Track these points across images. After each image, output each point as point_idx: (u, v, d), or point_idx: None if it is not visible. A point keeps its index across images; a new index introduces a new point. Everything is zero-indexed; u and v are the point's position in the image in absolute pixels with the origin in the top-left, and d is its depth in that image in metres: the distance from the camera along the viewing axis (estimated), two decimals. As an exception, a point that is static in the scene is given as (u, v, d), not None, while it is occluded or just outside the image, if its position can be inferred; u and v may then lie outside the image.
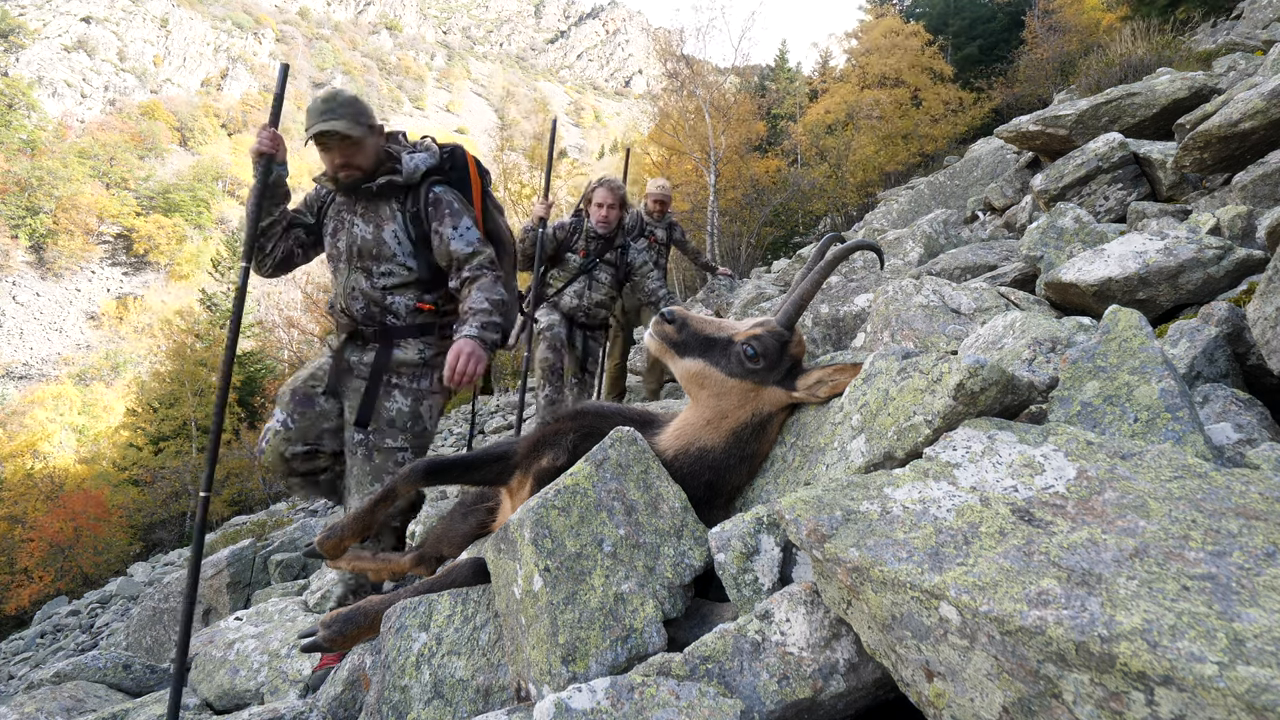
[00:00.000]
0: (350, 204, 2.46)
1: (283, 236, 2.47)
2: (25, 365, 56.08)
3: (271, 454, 2.39)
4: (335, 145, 2.30)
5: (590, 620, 1.08)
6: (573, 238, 4.25)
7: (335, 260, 2.48)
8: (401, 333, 2.43)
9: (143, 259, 67.08)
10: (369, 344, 2.44)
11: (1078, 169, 3.66)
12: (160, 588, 4.94)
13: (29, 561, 20.97)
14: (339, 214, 2.49)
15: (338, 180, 2.38)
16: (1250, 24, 7.94)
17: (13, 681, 8.66)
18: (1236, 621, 0.61)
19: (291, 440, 2.39)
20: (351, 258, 2.43)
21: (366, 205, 2.43)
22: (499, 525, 1.74)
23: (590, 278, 4.22)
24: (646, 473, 1.26)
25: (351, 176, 2.36)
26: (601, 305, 4.28)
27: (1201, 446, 0.99)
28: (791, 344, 1.39)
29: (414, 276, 2.44)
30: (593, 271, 4.22)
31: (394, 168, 2.43)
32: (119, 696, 3.01)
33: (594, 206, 4.16)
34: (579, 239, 4.24)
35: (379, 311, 2.43)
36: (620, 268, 4.29)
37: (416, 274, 2.44)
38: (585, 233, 4.23)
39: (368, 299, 2.42)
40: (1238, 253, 1.84)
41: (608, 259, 4.26)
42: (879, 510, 0.90)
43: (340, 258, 2.45)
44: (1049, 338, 1.49)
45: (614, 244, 4.25)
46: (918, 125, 19.05)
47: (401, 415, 2.37)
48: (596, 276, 4.23)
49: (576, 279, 4.22)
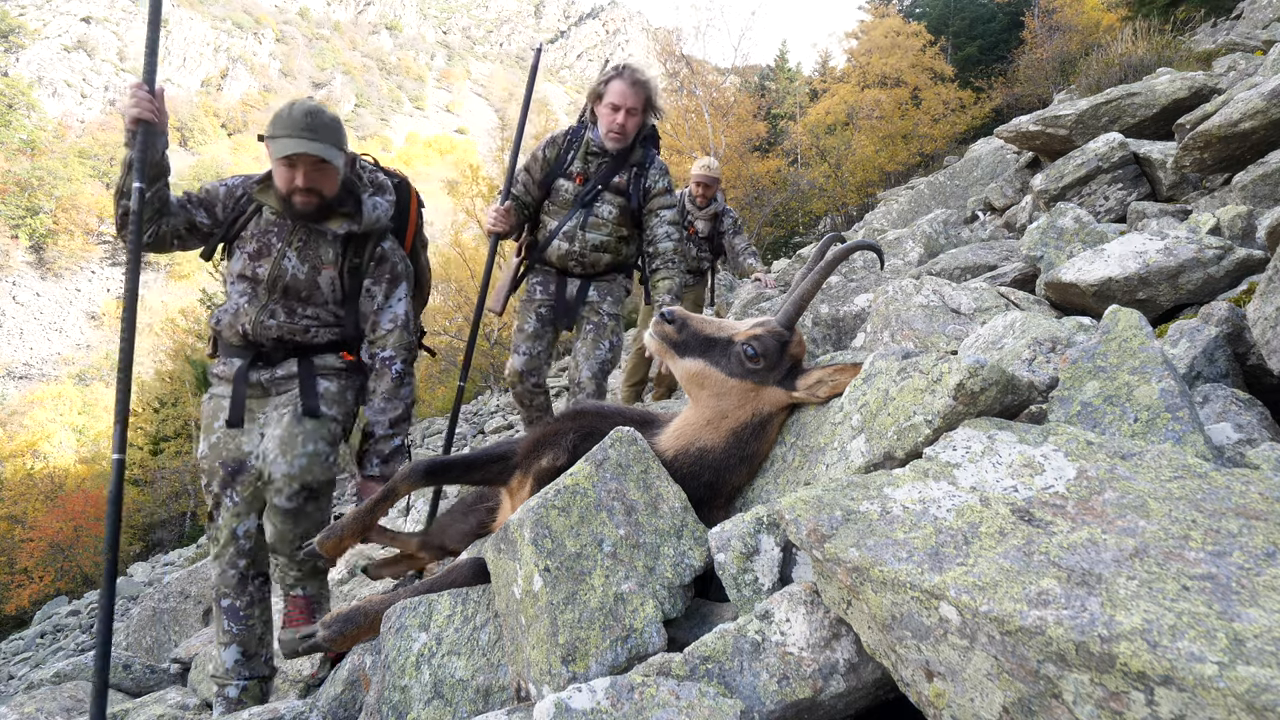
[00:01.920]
0: (284, 230, 2.21)
1: (156, 218, 2.13)
2: (25, 365, 56.12)
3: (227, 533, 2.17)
4: (305, 167, 2.08)
5: (590, 620, 1.08)
6: (567, 156, 3.01)
7: (249, 283, 2.21)
8: (319, 349, 2.27)
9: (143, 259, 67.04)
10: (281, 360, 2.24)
11: (1078, 169, 3.66)
12: (160, 588, 4.94)
13: (29, 561, 20.99)
14: (266, 236, 2.22)
15: (289, 203, 2.14)
16: (1250, 24, 7.94)
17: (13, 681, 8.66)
18: (1236, 621, 0.61)
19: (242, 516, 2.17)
20: (273, 290, 2.19)
21: (306, 240, 2.21)
22: (499, 525, 1.74)
23: (588, 211, 2.99)
24: (646, 473, 1.26)
25: (309, 205, 2.14)
26: (602, 249, 3.03)
27: (1201, 446, 0.99)
28: (791, 344, 1.39)
29: (338, 326, 2.28)
30: (592, 204, 2.99)
31: (352, 212, 2.22)
32: (119, 696, 3.01)
33: (604, 108, 2.88)
34: (574, 158, 3.00)
35: (293, 339, 2.23)
36: (634, 196, 3.00)
37: (343, 326, 2.28)
38: (585, 147, 2.99)
39: (284, 331, 2.21)
40: (1238, 253, 1.84)
41: (615, 184, 2.99)
42: (879, 510, 0.90)
43: (259, 284, 2.20)
44: (1049, 338, 1.49)
45: (627, 161, 2.99)
46: (918, 125, 19.07)
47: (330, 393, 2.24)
48: (596, 210, 2.99)
49: (571, 215, 3.00)
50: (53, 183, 62.13)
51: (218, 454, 2.18)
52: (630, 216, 3.02)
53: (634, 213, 3.01)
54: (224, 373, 2.26)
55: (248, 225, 2.24)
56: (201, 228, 2.25)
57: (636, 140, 2.98)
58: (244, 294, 2.22)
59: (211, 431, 2.22)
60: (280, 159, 2.08)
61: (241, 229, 2.24)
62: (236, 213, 2.25)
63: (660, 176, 3.01)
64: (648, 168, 3.01)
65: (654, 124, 3.09)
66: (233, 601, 2.17)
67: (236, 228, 2.24)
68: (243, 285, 2.22)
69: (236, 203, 2.26)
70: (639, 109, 2.86)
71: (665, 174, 3.03)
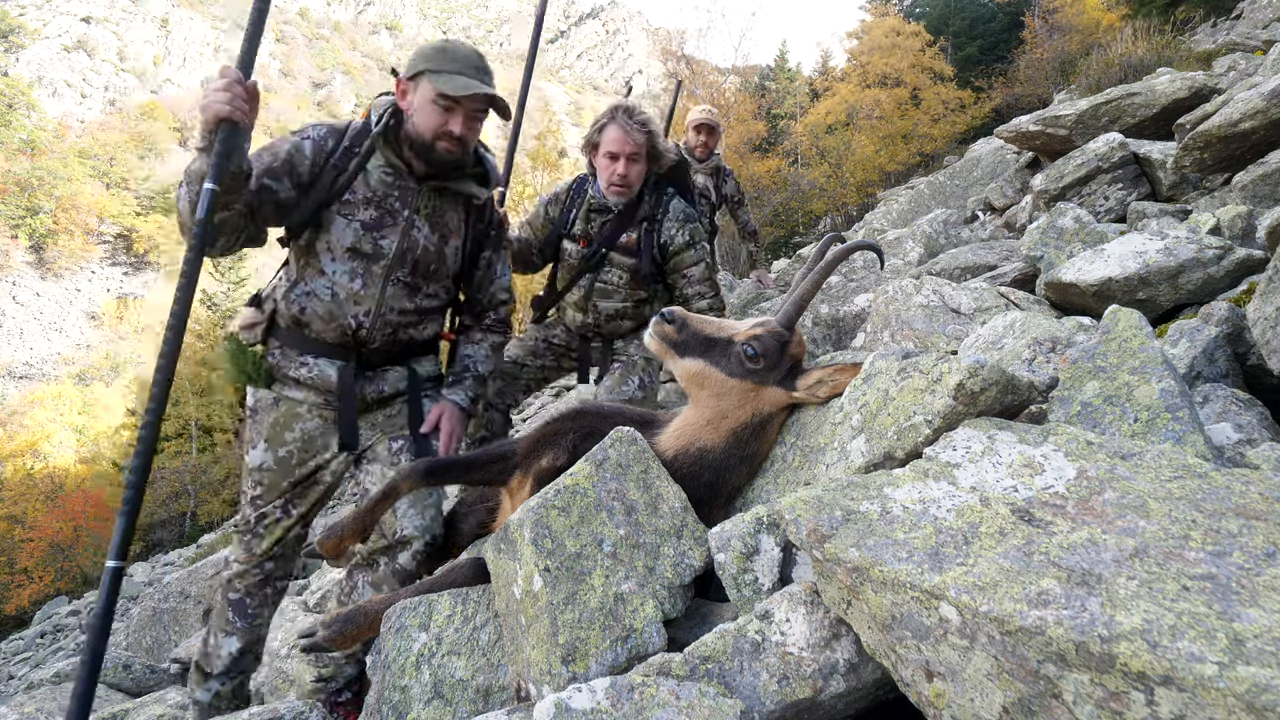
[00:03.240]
0: (408, 194, 1.90)
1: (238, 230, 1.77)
2: (25, 365, 56.13)
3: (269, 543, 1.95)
4: (469, 110, 1.81)
5: (590, 620, 1.08)
6: (570, 215, 2.68)
7: (362, 260, 1.87)
8: (419, 349, 2.06)
9: (143, 259, 67.13)
10: (382, 367, 1.98)
11: (1078, 169, 3.66)
12: (160, 588, 4.94)
13: (29, 561, 21.01)
14: (386, 200, 1.88)
15: (432, 150, 1.84)
16: (1250, 24, 7.94)
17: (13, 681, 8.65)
18: (1236, 621, 0.61)
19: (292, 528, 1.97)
20: (397, 267, 1.89)
21: (436, 206, 1.94)
22: (499, 525, 1.73)
23: (594, 277, 2.66)
24: (646, 473, 1.26)
25: (453, 153, 1.86)
26: (620, 315, 2.70)
27: (1201, 446, 0.99)
28: (791, 344, 1.39)
29: (449, 300, 2.06)
30: (598, 269, 2.64)
31: (484, 173, 2.00)
32: (119, 696, 3.01)
33: (602, 159, 2.55)
34: (576, 216, 2.67)
35: (402, 333, 1.97)
36: (644, 255, 2.59)
37: (451, 299, 2.07)
38: (586, 207, 2.65)
39: (401, 321, 1.93)
40: (1238, 253, 1.84)
41: (622, 244, 2.62)
42: (879, 510, 0.90)
43: (379, 260, 1.88)
44: (1049, 338, 1.49)
45: (635, 216, 2.61)
46: (918, 125, 19.08)
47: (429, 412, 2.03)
48: (603, 276, 2.65)
49: (576, 281, 2.70)
50: (53, 183, 62.15)
51: (287, 472, 1.91)
52: (643, 279, 2.63)
53: (648, 275, 2.62)
54: (307, 377, 1.92)
55: (349, 187, 1.86)
56: (285, 202, 1.82)
57: (646, 188, 2.62)
58: (353, 274, 1.87)
59: (282, 443, 1.91)
60: (438, 98, 1.79)
61: (341, 192, 1.86)
62: (336, 171, 1.86)
63: (679, 228, 2.61)
64: (661, 220, 2.61)
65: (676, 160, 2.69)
66: (244, 598, 1.97)
67: (336, 189, 1.86)
68: (352, 263, 1.87)
69: (329, 159, 1.87)
70: (641, 154, 2.50)
71: (685, 223, 2.63)
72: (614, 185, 2.53)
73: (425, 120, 1.82)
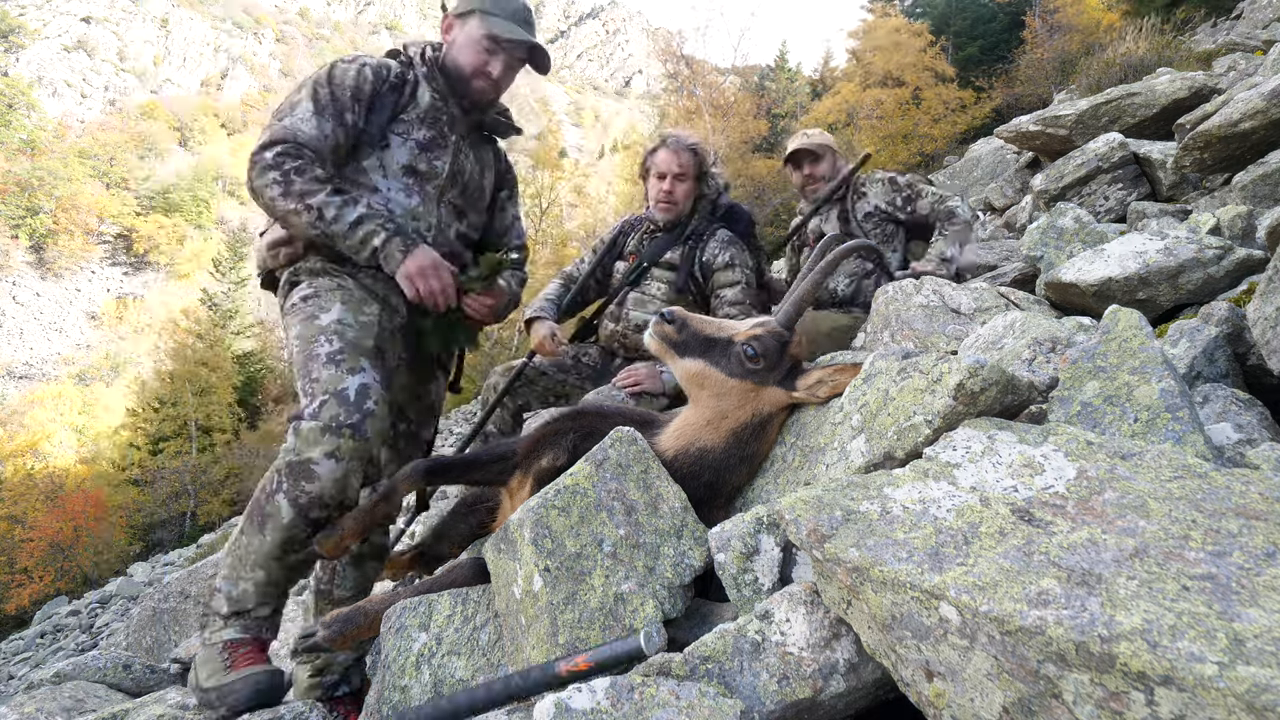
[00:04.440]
0: (455, 122, 1.94)
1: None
2: (25, 365, 56.11)
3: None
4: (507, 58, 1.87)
5: (590, 620, 1.08)
6: (628, 240, 2.91)
7: (417, 179, 1.86)
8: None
9: (143, 259, 67.12)
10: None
11: (1078, 169, 3.66)
12: (160, 588, 4.95)
13: (29, 561, 21.01)
14: (436, 124, 1.90)
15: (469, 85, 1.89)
16: (1250, 24, 7.94)
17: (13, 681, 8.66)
18: (1236, 621, 0.61)
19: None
20: (449, 188, 1.90)
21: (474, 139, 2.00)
22: (499, 525, 1.73)
23: (634, 288, 2.77)
24: (646, 473, 1.26)
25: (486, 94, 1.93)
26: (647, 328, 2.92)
27: (1201, 446, 0.99)
28: (792, 344, 1.39)
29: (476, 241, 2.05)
30: (639, 281, 2.76)
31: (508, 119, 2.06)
32: (119, 696, 3.01)
33: (652, 180, 2.74)
34: (632, 239, 2.89)
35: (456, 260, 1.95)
36: (684, 269, 2.69)
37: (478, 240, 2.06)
38: (644, 228, 2.86)
39: (453, 247, 1.92)
40: (1238, 253, 1.84)
41: (667, 260, 2.74)
42: (879, 510, 0.90)
43: (432, 180, 1.88)
44: (1049, 338, 1.49)
45: (683, 234, 2.75)
46: (918, 125, 19.08)
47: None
48: (643, 288, 2.75)
49: (617, 294, 2.81)
50: (53, 183, 62.12)
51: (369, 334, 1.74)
52: (679, 292, 2.67)
53: (684, 289, 2.66)
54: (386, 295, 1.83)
55: (405, 109, 1.89)
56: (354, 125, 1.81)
57: (695, 211, 2.74)
58: (409, 191, 1.86)
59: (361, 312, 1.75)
60: (485, 38, 1.86)
61: (402, 109, 1.88)
62: (395, 93, 1.88)
63: (722, 249, 2.65)
64: (706, 240, 2.69)
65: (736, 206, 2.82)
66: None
67: (398, 108, 1.88)
68: (407, 180, 1.86)
69: (386, 83, 1.87)
70: (688, 174, 2.66)
71: (728, 246, 2.66)
72: (662, 203, 2.68)
73: (467, 56, 1.89)
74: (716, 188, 2.79)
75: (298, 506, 1.55)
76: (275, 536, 1.57)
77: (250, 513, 1.61)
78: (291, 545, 1.58)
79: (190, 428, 26.06)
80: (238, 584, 1.62)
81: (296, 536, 1.58)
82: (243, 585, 1.62)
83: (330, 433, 1.54)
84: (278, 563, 1.60)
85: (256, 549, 1.59)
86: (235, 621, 1.62)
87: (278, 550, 1.58)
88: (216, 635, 1.61)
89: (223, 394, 27.38)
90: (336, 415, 1.56)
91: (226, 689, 1.53)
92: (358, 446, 1.57)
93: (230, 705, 1.52)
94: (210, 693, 1.55)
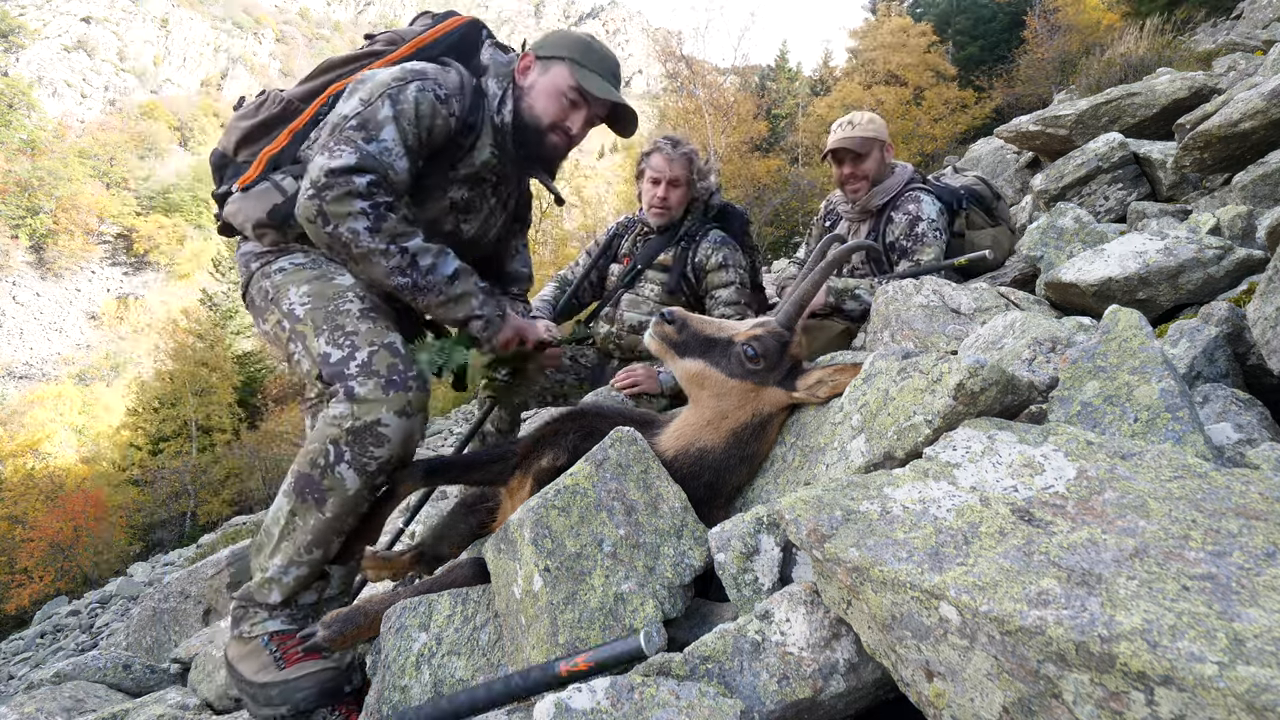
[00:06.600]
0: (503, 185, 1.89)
1: None
2: (25, 365, 56.10)
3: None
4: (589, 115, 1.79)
5: (590, 620, 1.08)
6: (622, 242, 2.96)
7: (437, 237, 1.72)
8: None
9: (143, 259, 67.10)
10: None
11: (1078, 169, 3.66)
12: (160, 588, 4.94)
13: (29, 561, 21.00)
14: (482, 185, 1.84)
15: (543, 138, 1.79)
16: (1250, 24, 7.94)
17: (13, 681, 8.66)
18: (1236, 621, 0.61)
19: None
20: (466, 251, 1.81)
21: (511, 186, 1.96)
22: (499, 525, 1.73)
23: (628, 290, 2.82)
24: (646, 473, 1.26)
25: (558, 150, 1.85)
26: (641, 329, 2.76)
27: (1201, 446, 0.99)
28: (792, 344, 1.39)
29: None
30: (633, 283, 2.81)
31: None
32: (119, 696, 3.01)
33: (646, 184, 2.77)
34: (627, 242, 2.94)
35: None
36: (676, 270, 2.73)
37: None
38: (638, 230, 2.91)
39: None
40: (1238, 253, 1.84)
41: (659, 261, 2.79)
42: (879, 510, 0.90)
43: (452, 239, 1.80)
44: (1049, 338, 1.49)
45: (675, 237, 2.78)
46: (918, 125, 19.09)
47: None
48: (637, 289, 2.80)
49: (611, 296, 2.85)
50: (53, 183, 62.11)
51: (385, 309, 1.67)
52: (671, 293, 2.73)
53: (676, 289, 2.72)
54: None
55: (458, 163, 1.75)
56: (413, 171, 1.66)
57: (688, 214, 2.79)
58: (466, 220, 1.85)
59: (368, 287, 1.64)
60: (572, 90, 1.74)
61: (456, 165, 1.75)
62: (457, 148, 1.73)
63: (714, 250, 2.69)
64: (699, 241, 2.73)
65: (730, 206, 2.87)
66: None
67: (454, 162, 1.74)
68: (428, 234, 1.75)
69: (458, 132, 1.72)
70: (682, 180, 2.69)
71: (721, 247, 2.70)
72: (655, 207, 2.72)
73: (547, 106, 1.76)
74: (709, 189, 2.81)
75: (365, 474, 1.46)
76: (337, 510, 1.48)
77: (301, 492, 1.50)
78: (352, 516, 1.52)
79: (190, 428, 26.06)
80: (294, 569, 1.52)
81: (359, 507, 1.51)
82: (299, 571, 1.52)
83: (395, 388, 1.45)
84: (339, 537, 1.53)
85: (315, 527, 1.50)
86: (282, 611, 1.54)
87: (338, 524, 1.51)
88: (259, 627, 1.52)
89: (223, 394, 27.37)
90: (395, 365, 1.47)
91: (292, 686, 1.45)
92: (424, 399, 1.49)
93: (295, 704, 1.44)
94: (270, 688, 1.46)
